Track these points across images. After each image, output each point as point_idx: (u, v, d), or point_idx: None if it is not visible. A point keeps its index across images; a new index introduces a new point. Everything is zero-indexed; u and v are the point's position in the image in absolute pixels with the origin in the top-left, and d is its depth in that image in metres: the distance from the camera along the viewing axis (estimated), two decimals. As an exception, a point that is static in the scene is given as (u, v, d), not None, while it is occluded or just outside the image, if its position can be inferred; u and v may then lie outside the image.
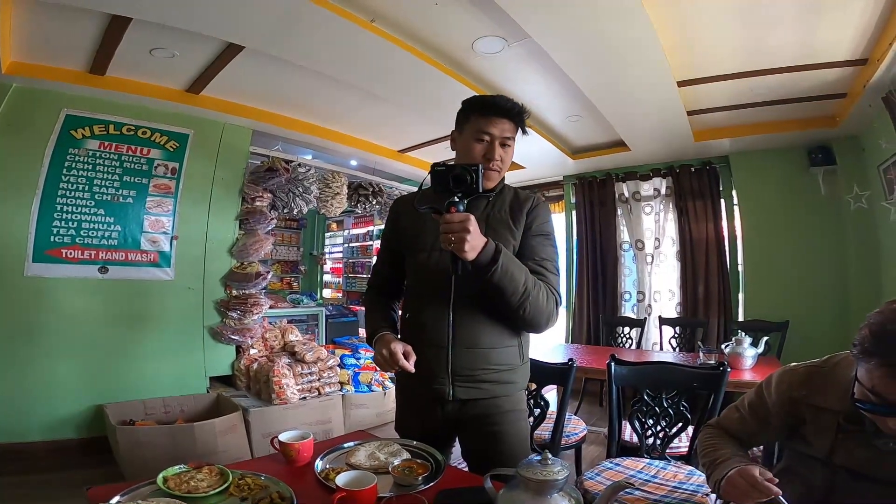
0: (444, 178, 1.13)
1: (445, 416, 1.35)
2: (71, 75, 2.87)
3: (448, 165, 1.16)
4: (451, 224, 1.10)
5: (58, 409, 2.97)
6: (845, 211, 3.61)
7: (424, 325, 1.34)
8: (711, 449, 1.17)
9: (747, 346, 2.62)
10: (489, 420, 1.33)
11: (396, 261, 1.47)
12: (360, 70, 2.79)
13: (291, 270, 7.60)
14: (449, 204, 1.12)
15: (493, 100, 1.33)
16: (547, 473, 0.87)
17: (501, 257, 1.15)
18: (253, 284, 3.55)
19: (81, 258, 3.07)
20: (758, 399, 1.19)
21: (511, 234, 1.33)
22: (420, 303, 1.38)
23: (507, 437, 1.33)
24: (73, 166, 3.04)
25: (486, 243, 1.14)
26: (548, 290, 1.28)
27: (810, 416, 1.07)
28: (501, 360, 1.33)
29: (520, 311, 1.22)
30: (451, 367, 1.31)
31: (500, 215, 1.35)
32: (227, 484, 1.08)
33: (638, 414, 1.86)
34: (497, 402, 1.34)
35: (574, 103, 3.32)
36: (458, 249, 1.10)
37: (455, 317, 1.31)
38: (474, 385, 1.31)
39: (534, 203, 1.39)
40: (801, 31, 2.43)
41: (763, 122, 3.61)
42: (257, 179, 3.68)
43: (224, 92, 3.29)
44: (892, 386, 0.85)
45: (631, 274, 4.68)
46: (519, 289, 1.19)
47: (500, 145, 1.32)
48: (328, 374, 3.59)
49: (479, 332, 1.31)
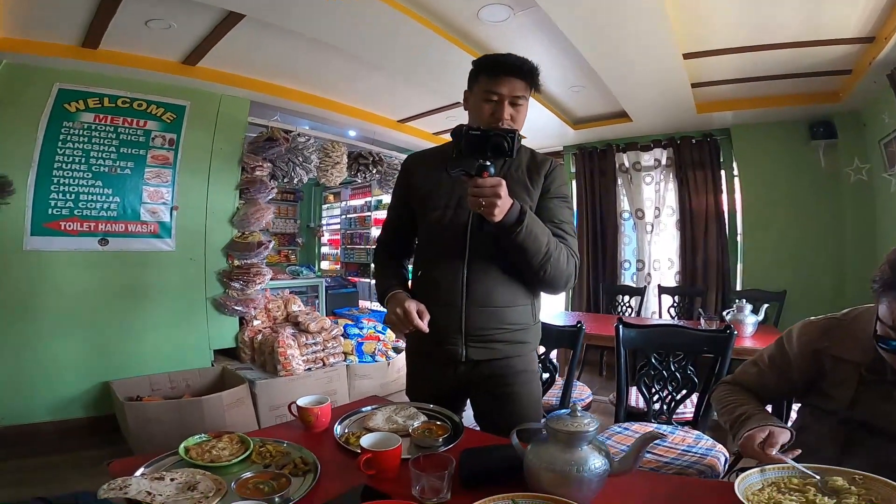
0: (481, 143, 1.13)
1: (458, 377, 1.37)
2: (63, 50, 2.80)
3: (482, 130, 1.15)
4: (483, 188, 1.11)
5: (63, 387, 2.98)
6: (844, 183, 3.65)
7: (438, 283, 1.33)
8: (732, 405, 1.18)
9: (748, 313, 2.67)
10: (502, 381, 1.35)
11: (408, 217, 1.46)
12: (363, 38, 2.73)
13: (289, 243, 7.59)
14: (481, 167, 1.12)
15: (503, 58, 1.30)
16: (577, 425, 0.88)
17: (527, 218, 1.16)
18: (255, 254, 3.55)
19: (81, 230, 3.05)
20: (778, 352, 1.20)
21: (528, 194, 1.33)
22: (433, 260, 1.37)
23: (520, 398, 1.36)
24: (68, 139, 2.99)
25: (510, 204, 1.15)
26: (569, 252, 1.29)
27: (831, 368, 1.08)
28: (515, 320, 1.34)
29: (541, 272, 1.23)
30: (465, 326, 1.31)
31: (518, 175, 1.34)
32: (248, 451, 1.09)
33: (645, 378, 1.90)
34: (510, 363, 1.35)
35: (577, 73, 3.28)
36: (488, 213, 1.12)
37: (469, 275, 1.31)
38: (487, 345, 1.33)
39: (552, 166, 1.39)
40: (809, 8, 2.41)
41: (766, 97, 3.61)
42: (256, 149, 3.64)
43: (221, 63, 3.22)
44: None
45: (631, 243, 4.72)
46: (542, 250, 1.21)
47: (510, 104, 1.29)
48: (332, 344, 3.62)
49: (494, 291, 1.31)
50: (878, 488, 0.82)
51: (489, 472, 0.96)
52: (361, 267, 7.52)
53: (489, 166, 1.12)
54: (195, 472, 0.98)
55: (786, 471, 0.91)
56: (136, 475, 0.96)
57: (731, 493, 0.82)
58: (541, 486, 0.88)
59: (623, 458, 0.92)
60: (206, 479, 0.96)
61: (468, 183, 1.13)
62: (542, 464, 0.88)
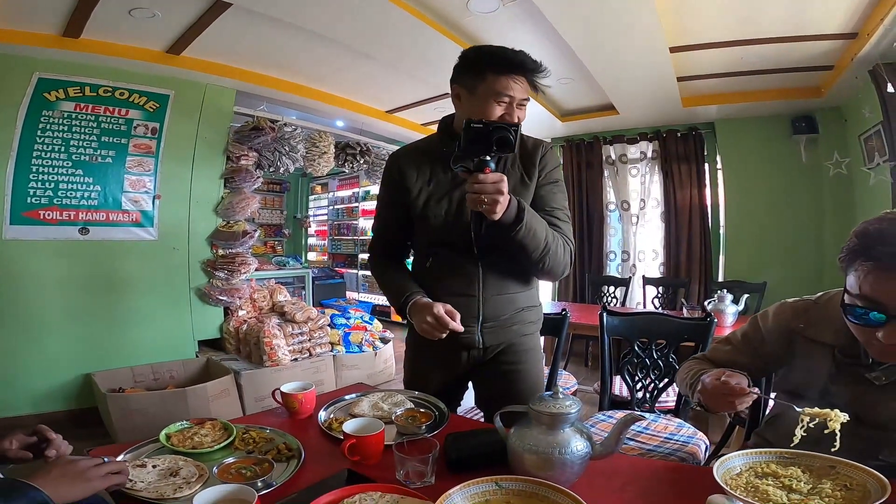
0: (484, 137, 1.07)
1: (470, 361, 1.38)
2: (43, 39, 2.74)
3: (485, 123, 1.09)
4: (485, 185, 1.06)
5: (45, 379, 2.94)
6: (824, 177, 3.72)
7: (452, 274, 1.32)
8: (693, 371, 1.18)
9: (729, 303, 2.72)
10: (512, 359, 1.37)
11: (403, 217, 1.38)
12: (351, 28, 2.70)
13: (275, 234, 7.53)
14: (482, 163, 1.07)
15: (514, 55, 1.20)
16: (560, 407, 0.90)
17: (525, 215, 1.14)
18: (240, 243, 3.52)
19: (60, 219, 3.00)
20: (752, 329, 1.20)
21: (525, 187, 1.31)
22: (443, 253, 1.33)
23: (528, 375, 1.38)
24: (47, 128, 2.93)
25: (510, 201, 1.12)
26: (564, 241, 1.28)
27: (804, 351, 1.08)
28: (526, 303, 1.37)
29: (540, 264, 1.23)
30: (482, 314, 1.32)
31: (513, 169, 1.31)
32: (231, 438, 1.08)
33: (628, 366, 1.93)
34: (521, 341, 1.38)
35: (566, 65, 3.28)
36: (489, 212, 1.07)
37: (484, 266, 1.30)
38: (502, 329, 1.34)
39: (543, 150, 1.35)
40: (795, 3, 2.44)
41: (750, 91, 3.66)
42: (242, 139, 3.60)
43: (206, 52, 3.17)
44: (877, 284, 0.85)
45: (616, 234, 4.77)
46: (540, 244, 1.19)
47: (518, 106, 1.22)
48: (319, 334, 3.61)
49: (507, 279, 1.33)
50: (852, 473, 0.84)
51: (474, 456, 0.97)
52: (349, 258, 7.49)
53: (489, 161, 1.08)
54: (177, 459, 0.98)
55: (763, 455, 0.92)
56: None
57: (711, 478, 0.83)
58: (524, 469, 0.89)
59: (605, 441, 0.93)
60: (188, 465, 0.96)
61: (468, 179, 1.08)
62: (525, 446, 0.90)
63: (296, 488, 0.90)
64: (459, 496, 0.80)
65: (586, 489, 0.89)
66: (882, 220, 0.88)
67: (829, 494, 0.80)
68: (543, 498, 0.81)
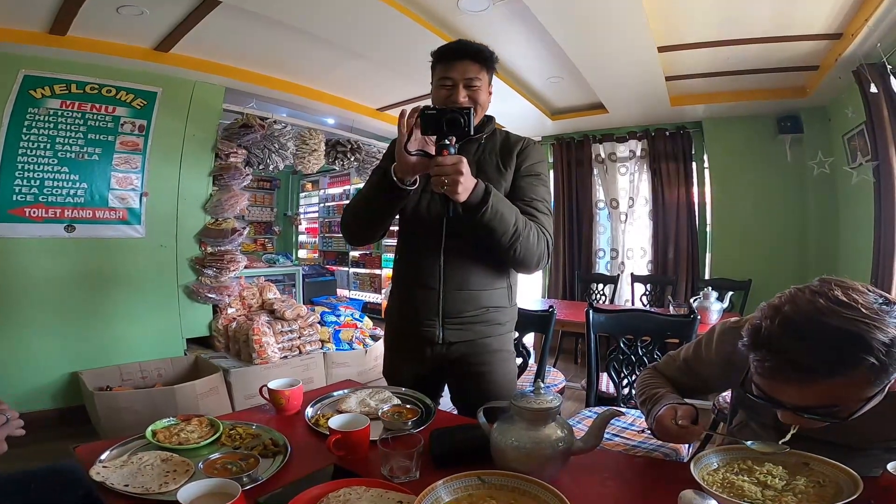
0: (436, 122, 1.12)
1: (434, 358, 1.39)
2: (28, 36, 2.71)
3: (438, 109, 1.15)
4: (444, 167, 1.10)
5: (31, 378, 2.91)
6: (808, 176, 3.77)
7: (416, 267, 1.36)
8: (647, 387, 1.16)
9: (713, 300, 2.76)
10: (477, 360, 1.37)
11: None
12: (342, 25, 2.70)
13: (265, 231, 7.50)
14: (441, 147, 1.12)
15: (454, 44, 1.34)
16: (541, 402, 0.91)
17: (491, 198, 1.16)
18: (229, 241, 3.50)
19: (46, 216, 2.97)
20: (694, 357, 1.16)
21: (500, 175, 1.34)
22: (411, 246, 1.40)
23: (495, 376, 1.38)
24: (32, 125, 2.90)
25: (475, 184, 1.15)
26: (539, 229, 1.29)
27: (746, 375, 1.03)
28: (490, 302, 1.36)
29: (510, 251, 1.24)
30: (443, 309, 1.34)
31: (490, 158, 1.36)
32: (217, 434, 1.09)
33: (614, 363, 1.96)
34: (485, 342, 1.38)
35: (556, 64, 3.31)
36: (451, 192, 1.11)
37: (446, 259, 1.33)
38: (464, 327, 1.35)
39: (524, 144, 1.39)
40: (780, 3, 2.47)
41: (736, 91, 3.70)
42: (231, 136, 3.58)
43: (195, 50, 3.15)
44: (765, 384, 0.84)
45: (605, 232, 4.80)
46: (509, 230, 1.20)
47: (466, 87, 1.30)
48: (308, 331, 3.61)
49: (469, 274, 1.33)
50: (826, 470, 0.86)
51: (458, 451, 0.99)
52: (340, 255, 7.48)
53: (448, 145, 1.12)
54: (161, 455, 0.98)
55: (741, 452, 0.93)
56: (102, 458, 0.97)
57: (690, 473, 0.85)
58: (507, 464, 0.91)
59: (585, 436, 0.95)
60: (173, 460, 0.96)
61: (430, 163, 1.13)
62: (507, 442, 0.91)
63: (281, 483, 0.91)
64: (443, 490, 0.81)
65: (569, 484, 0.91)
66: (776, 315, 0.81)
67: (802, 490, 0.82)
68: (524, 492, 0.83)
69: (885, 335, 0.73)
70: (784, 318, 0.79)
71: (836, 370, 0.75)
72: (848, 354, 0.74)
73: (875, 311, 0.75)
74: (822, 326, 0.75)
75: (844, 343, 0.74)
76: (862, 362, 0.73)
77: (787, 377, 0.79)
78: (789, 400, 0.82)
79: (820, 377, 0.76)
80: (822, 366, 0.75)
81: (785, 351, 0.77)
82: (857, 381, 0.76)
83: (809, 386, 0.78)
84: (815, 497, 0.80)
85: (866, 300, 0.77)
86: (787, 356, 0.77)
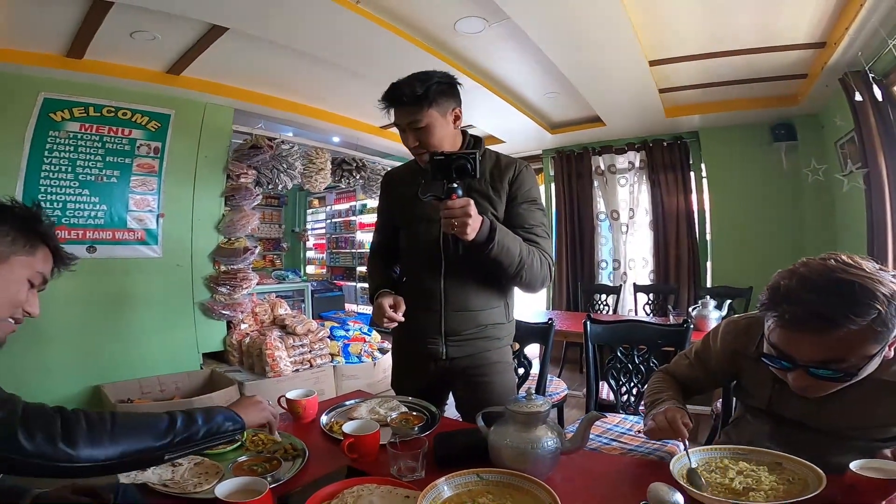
0: (446, 167, 1.18)
1: (438, 371, 1.50)
2: (48, 59, 2.85)
3: (446, 154, 1.20)
4: (454, 210, 1.17)
5: (53, 392, 3.01)
6: (804, 183, 3.81)
7: (419, 290, 1.47)
8: (656, 391, 1.25)
9: (712, 308, 2.84)
10: (478, 371, 1.48)
11: (391, 229, 1.60)
12: (345, 50, 2.82)
13: (274, 248, 7.62)
14: (449, 190, 1.18)
15: (389, 91, 1.34)
16: (532, 407, 1.02)
17: (497, 234, 1.24)
18: (241, 259, 3.62)
19: (69, 238, 3.09)
20: (703, 348, 1.27)
21: (490, 203, 1.39)
22: (414, 270, 1.51)
23: (496, 386, 1.48)
24: (54, 148, 3.03)
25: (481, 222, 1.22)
26: (541, 255, 1.37)
27: (749, 368, 1.15)
28: (489, 320, 1.46)
29: (517, 278, 1.34)
30: (444, 328, 1.45)
31: (480, 186, 1.39)
32: (242, 440, 1.19)
33: (612, 371, 2.05)
34: (484, 355, 1.48)
35: (552, 80, 3.41)
36: (460, 233, 1.18)
37: (447, 283, 1.43)
38: (465, 343, 1.46)
39: (516, 171, 1.42)
40: (763, 15, 2.55)
41: (730, 100, 3.76)
42: (241, 157, 3.70)
43: (205, 73, 3.29)
44: (782, 338, 0.94)
45: (607, 243, 4.87)
46: (515, 260, 1.29)
47: (412, 131, 1.35)
48: (319, 345, 3.71)
49: (469, 297, 1.44)
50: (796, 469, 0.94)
51: (459, 453, 1.08)
52: (347, 271, 7.56)
53: (456, 188, 1.18)
54: (194, 459, 1.09)
55: (718, 452, 1.03)
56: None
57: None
58: (502, 462, 1.01)
59: (572, 437, 1.05)
60: (205, 464, 1.07)
61: (440, 206, 1.19)
62: (503, 442, 1.01)
63: (301, 482, 1.01)
64: (445, 486, 0.91)
65: (562, 482, 1.01)
66: (793, 275, 0.93)
67: (773, 487, 0.90)
68: (518, 488, 0.93)
69: (887, 289, 0.87)
70: (801, 276, 0.92)
71: (848, 318, 0.86)
72: (858, 302, 0.86)
73: (875, 271, 0.89)
74: (835, 280, 0.88)
75: (856, 291, 0.86)
76: (869, 310, 0.85)
77: (804, 327, 0.90)
78: (803, 355, 0.92)
79: (833, 327, 0.87)
80: (837, 312, 0.86)
81: (804, 302, 0.89)
82: (864, 334, 0.87)
83: (822, 336, 0.89)
84: (784, 494, 0.87)
85: (867, 263, 0.91)
86: (805, 307, 0.89)
